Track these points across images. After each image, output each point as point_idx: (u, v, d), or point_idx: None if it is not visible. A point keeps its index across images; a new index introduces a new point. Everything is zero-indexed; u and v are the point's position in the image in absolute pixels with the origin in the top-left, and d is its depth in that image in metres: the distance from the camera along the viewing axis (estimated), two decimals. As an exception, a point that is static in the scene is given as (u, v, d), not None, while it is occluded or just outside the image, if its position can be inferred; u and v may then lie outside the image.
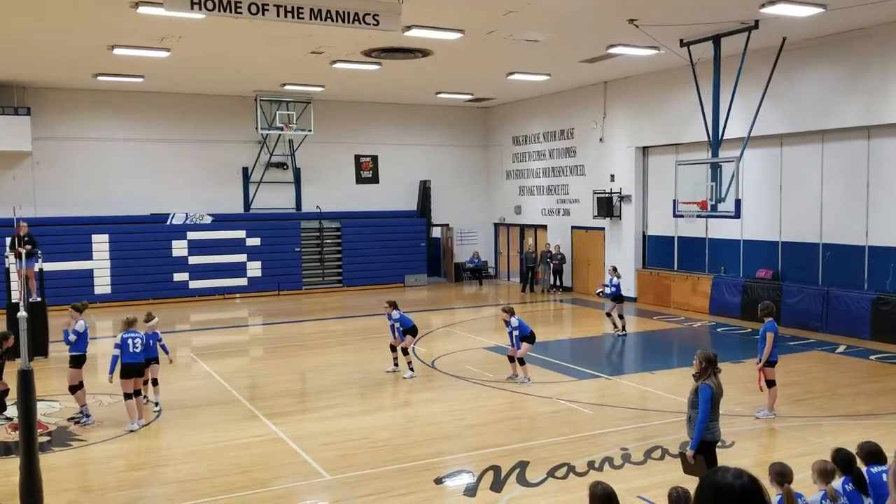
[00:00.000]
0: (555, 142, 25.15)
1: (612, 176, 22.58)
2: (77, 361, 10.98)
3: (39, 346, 14.30)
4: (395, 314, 13.30)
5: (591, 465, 8.76)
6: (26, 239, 15.20)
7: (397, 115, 26.91)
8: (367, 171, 26.87)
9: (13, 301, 14.71)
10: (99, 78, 20.22)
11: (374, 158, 26.89)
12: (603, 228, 23.03)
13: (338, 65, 18.48)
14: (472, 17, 13.99)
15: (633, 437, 9.78)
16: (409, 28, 14.15)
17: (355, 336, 17.70)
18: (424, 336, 16.53)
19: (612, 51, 17.20)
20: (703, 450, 6.90)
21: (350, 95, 24.63)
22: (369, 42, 16.08)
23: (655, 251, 21.91)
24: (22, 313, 6.77)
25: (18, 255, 14.36)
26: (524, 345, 12.67)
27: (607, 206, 22.36)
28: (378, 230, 26.10)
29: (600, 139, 22.98)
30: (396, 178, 27.06)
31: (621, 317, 16.88)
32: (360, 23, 11.57)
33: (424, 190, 27.29)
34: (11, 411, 10.84)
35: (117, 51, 16.47)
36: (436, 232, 27.73)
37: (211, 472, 8.87)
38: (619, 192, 22.25)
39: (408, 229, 26.61)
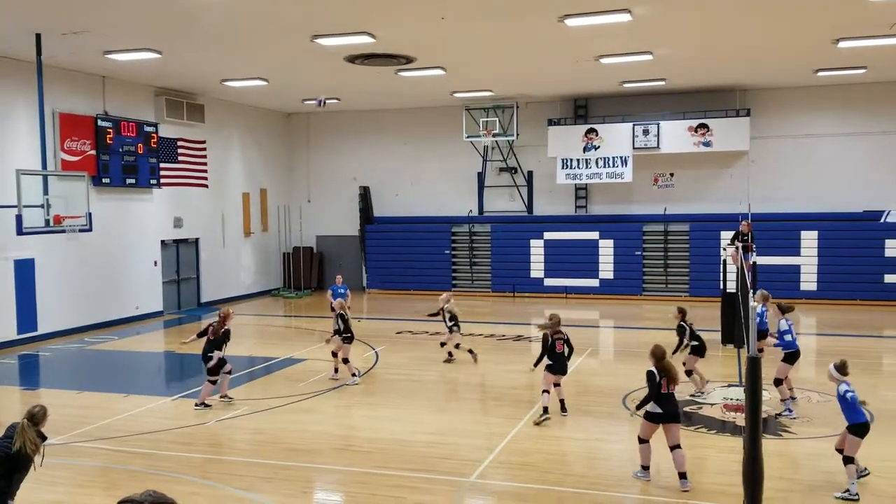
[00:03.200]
0: None
1: None
2: (788, 358, 11.23)
3: (736, 335, 14.93)
4: None
5: None
6: (747, 237, 16.15)
7: None
8: None
9: (729, 291, 15.84)
10: (819, 73, 20.10)
11: None
12: None
13: None
14: None
15: None
16: None
17: None
18: None
19: None
20: None
21: None
22: None
23: None
24: (753, 304, 7.26)
25: (737, 250, 15.45)
26: None
27: None
28: None
29: None
30: None
31: None
32: None
33: None
34: (729, 392, 11.75)
35: (842, 44, 16.08)
36: None
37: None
38: None
39: None
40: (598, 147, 23.60)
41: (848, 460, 8.25)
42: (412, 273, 25.97)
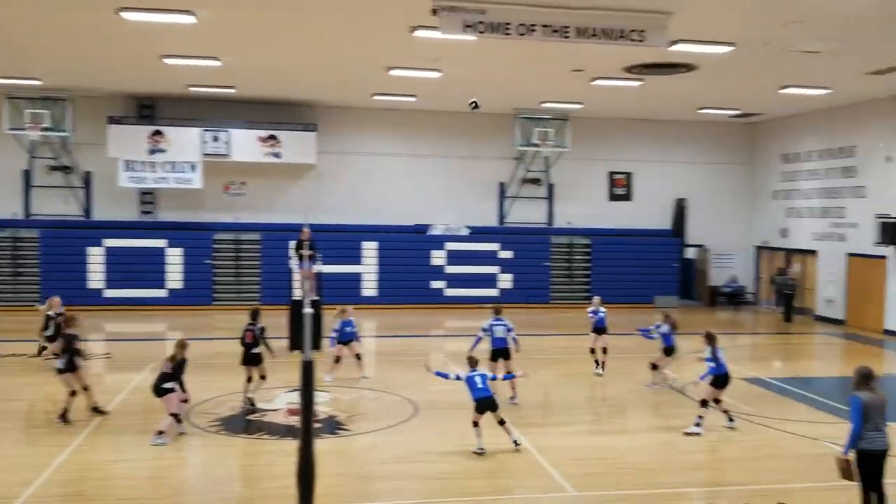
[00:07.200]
0: (831, 160, 22.99)
1: (901, 200, 20.16)
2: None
3: (314, 340, 15.76)
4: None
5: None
6: (309, 243, 16.85)
7: (655, 131, 26.23)
8: (620, 187, 26.46)
9: (296, 299, 16.39)
10: (375, 97, 21.98)
11: (629, 175, 26.42)
12: (885, 257, 20.62)
13: (598, 82, 18.42)
14: (745, 29, 13.24)
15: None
16: (675, 43, 13.73)
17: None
18: (673, 361, 15.86)
19: (908, 60, 15.39)
20: (863, 461, 7.38)
21: (607, 112, 24.46)
22: (632, 58, 15.84)
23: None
24: (307, 310, 7.52)
25: (301, 258, 16.03)
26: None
27: (892, 232, 19.99)
28: (629, 248, 25.57)
29: (887, 158, 20.63)
30: (650, 196, 26.37)
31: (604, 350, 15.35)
32: (625, 39, 11.46)
33: (679, 209, 26.31)
34: (292, 397, 12.08)
35: (393, 72, 17.79)
36: (689, 253, 26.56)
37: (462, 474, 9.24)
38: (909, 218, 19.79)
39: (660, 248, 25.80)
40: (166, 150, 22.57)
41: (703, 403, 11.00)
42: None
